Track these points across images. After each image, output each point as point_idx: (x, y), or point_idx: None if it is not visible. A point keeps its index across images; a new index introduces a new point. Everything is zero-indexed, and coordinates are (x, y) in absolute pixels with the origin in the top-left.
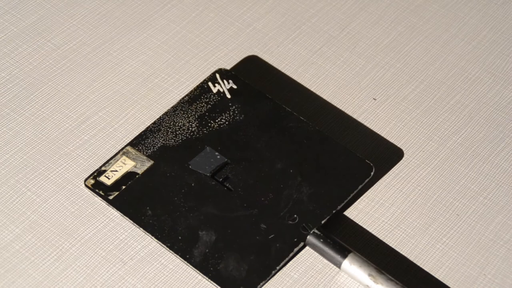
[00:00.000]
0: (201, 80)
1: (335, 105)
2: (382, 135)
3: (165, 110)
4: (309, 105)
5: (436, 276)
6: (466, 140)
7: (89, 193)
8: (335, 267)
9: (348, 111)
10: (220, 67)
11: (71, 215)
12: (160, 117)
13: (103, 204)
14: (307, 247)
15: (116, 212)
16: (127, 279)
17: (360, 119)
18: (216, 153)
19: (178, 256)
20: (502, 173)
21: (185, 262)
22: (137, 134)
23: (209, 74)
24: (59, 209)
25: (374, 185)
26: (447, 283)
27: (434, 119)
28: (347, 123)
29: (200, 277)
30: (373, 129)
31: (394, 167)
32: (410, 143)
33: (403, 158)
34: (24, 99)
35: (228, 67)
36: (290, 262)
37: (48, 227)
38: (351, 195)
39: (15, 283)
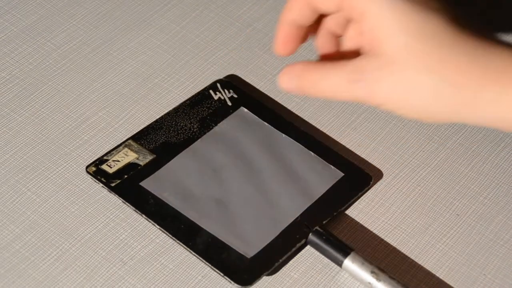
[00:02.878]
0: (201, 81)
1: (334, 105)
2: (382, 135)
3: (165, 110)
4: (309, 105)
5: (436, 276)
6: (466, 140)
7: (89, 193)
8: (335, 267)
9: (348, 111)
10: (218, 77)
11: (71, 215)
12: (162, 116)
13: (103, 204)
14: (308, 246)
15: (116, 212)
16: (127, 279)
17: (360, 119)
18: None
19: (181, 243)
20: (502, 173)
21: (188, 249)
22: (139, 129)
23: (209, 74)
24: (59, 209)
25: (374, 185)
26: (447, 283)
27: None
28: (347, 123)
29: (200, 277)
30: (373, 129)
31: (394, 167)
32: (410, 143)
33: (403, 158)
34: (24, 99)
35: (228, 67)
36: (291, 261)
37: (48, 227)
38: (350, 202)
39: (15, 283)
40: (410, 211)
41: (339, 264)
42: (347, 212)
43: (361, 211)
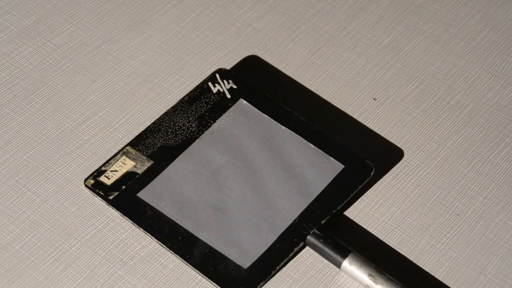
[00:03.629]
0: (201, 80)
1: (335, 105)
2: (382, 135)
3: (165, 110)
4: (309, 105)
5: (436, 276)
6: (466, 140)
7: (89, 193)
8: (335, 267)
9: (348, 111)
10: (220, 67)
11: (71, 215)
12: (160, 117)
13: (103, 204)
14: (307, 247)
15: (116, 212)
16: (127, 279)
17: (360, 119)
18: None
19: (178, 256)
20: (502, 173)
21: (185, 262)
22: (137, 134)
23: (209, 74)
24: (59, 209)
25: (374, 185)
26: (447, 283)
27: (434, 119)
28: (347, 123)
29: (200, 277)
30: (373, 129)
31: (394, 167)
32: (410, 143)
33: (403, 158)
34: (24, 99)
35: (228, 67)
36: (290, 262)
37: (48, 227)
38: (351, 195)
39: (15, 283)
40: (410, 211)
41: (338, 265)
42: (346, 212)
43: (361, 211)
